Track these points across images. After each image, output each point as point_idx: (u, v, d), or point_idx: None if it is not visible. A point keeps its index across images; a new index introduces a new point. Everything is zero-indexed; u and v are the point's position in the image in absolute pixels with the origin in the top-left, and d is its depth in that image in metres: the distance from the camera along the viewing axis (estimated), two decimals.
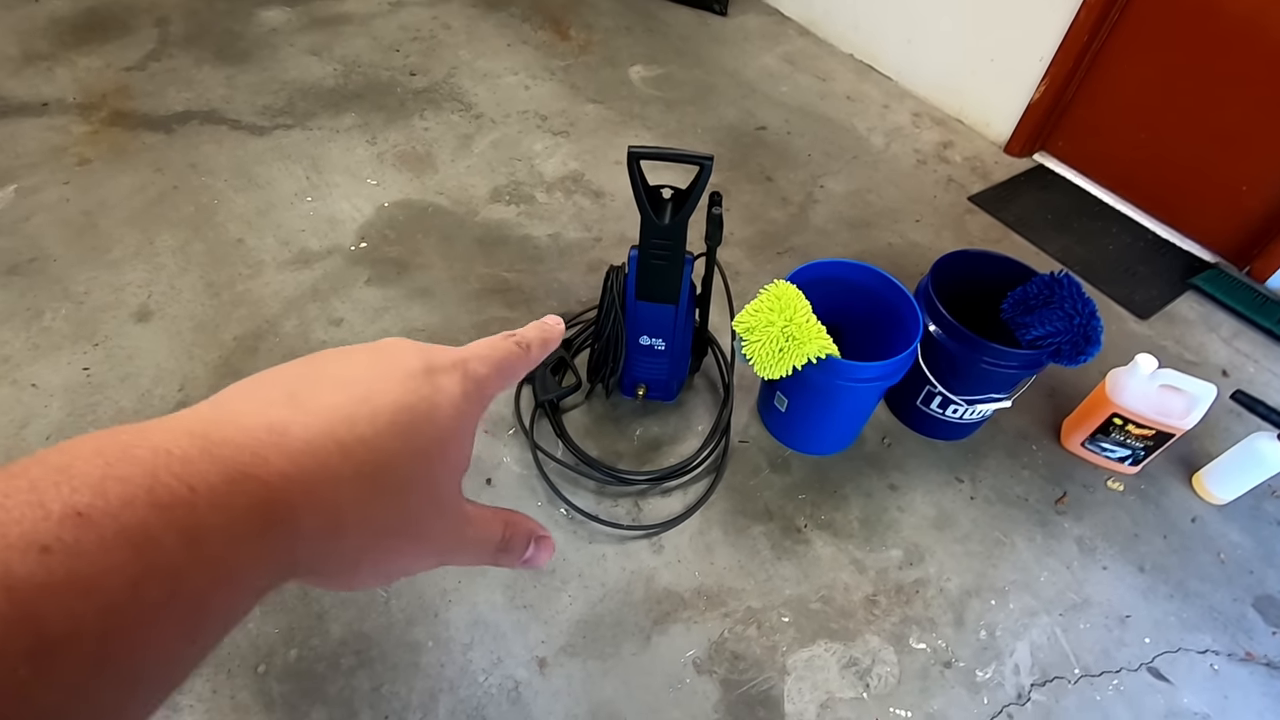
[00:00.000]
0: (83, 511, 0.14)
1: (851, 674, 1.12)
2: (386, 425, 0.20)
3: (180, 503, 0.15)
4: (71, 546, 0.13)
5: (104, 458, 0.15)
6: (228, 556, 0.16)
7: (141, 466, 0.15)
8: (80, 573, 0.13)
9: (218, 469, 0.16)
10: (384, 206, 1.78)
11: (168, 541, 0.15)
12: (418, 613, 1.13)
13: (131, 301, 1.52)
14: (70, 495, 0.14)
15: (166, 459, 0.16)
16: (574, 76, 2.25)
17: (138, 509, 0.14)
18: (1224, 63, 1.66)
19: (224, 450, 0.17)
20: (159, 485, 0.15)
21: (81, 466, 0.15)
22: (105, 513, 0.14)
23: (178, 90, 2.04)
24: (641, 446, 1.37)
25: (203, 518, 0.15)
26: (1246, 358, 1.65)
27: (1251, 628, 1.22)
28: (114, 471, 0.15)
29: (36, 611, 0.13)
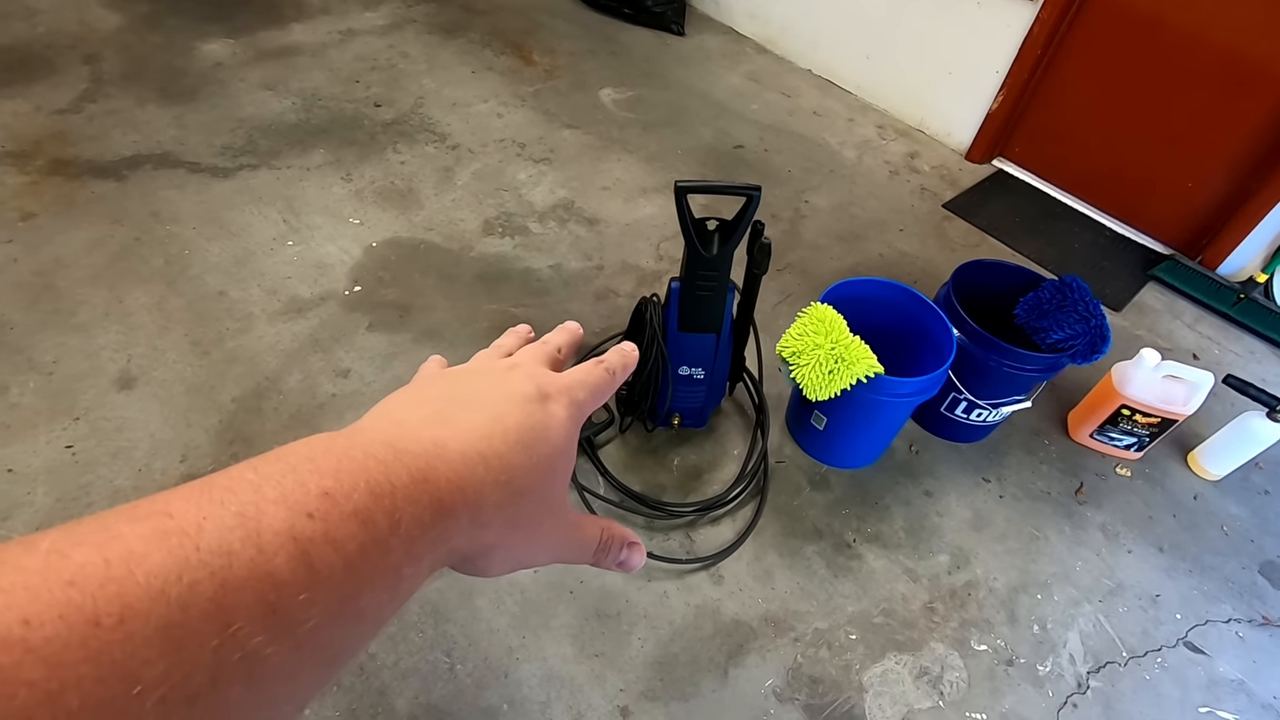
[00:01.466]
0: (329, 491, 0.19)
1: (925, 683, 1.14)
2: (515, 442, 0.25)
3: (385, 494, 0.20)
4: (323, 515, 0.18)
5: (334, 455, 0.20)
6: (415, 537, 0.21)
7: (358, 465, 0.20)
8: (330, 534, 0.18)
9: (407, 472, 0.21)
10: (372, 246, 1.70)
11: (380, 521, 0.19)
12: (486, 675, 1.08)
13: (110, 368, 1.39)
14: (320, 480, 0.19)
15: (373, 461, 0.20)
16: (545, 102, 2.22)
17: (360, 495, 0.19)
18: (1168, 71, 1.81)
19: (407, 459, 0.21)
20: (371, 480, 0.20)
21: (321, 460, 0.20)
22: (341, 495, 0.19)
23: (122, 133, 1.89)
24: (682, 476, 1.36)
25: (400, 507, 0.20)
26: (1210, 340, 1.79)
27: (1263, 593, 1.32)
28: (343, 466, 0.20)
29: (310, 556, 0.17)
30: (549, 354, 0.33)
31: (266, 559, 0.17)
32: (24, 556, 0.15)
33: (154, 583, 0.15)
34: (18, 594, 0.14)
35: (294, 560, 0.17)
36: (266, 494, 0.18)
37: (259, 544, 0.17)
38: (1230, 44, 1.71)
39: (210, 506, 0.17)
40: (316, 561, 0.18)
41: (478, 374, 0.29)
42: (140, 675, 0.14)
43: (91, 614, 0.14)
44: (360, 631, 0.20)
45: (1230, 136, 1.78)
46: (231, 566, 0.16)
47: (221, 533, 0.17)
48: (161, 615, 0.15)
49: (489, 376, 0.28)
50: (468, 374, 0.29)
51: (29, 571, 0.14)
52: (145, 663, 0.14)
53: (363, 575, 0.19)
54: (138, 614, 0.14)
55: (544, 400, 0.27)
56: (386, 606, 0.20)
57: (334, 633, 0.18)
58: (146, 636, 0.14)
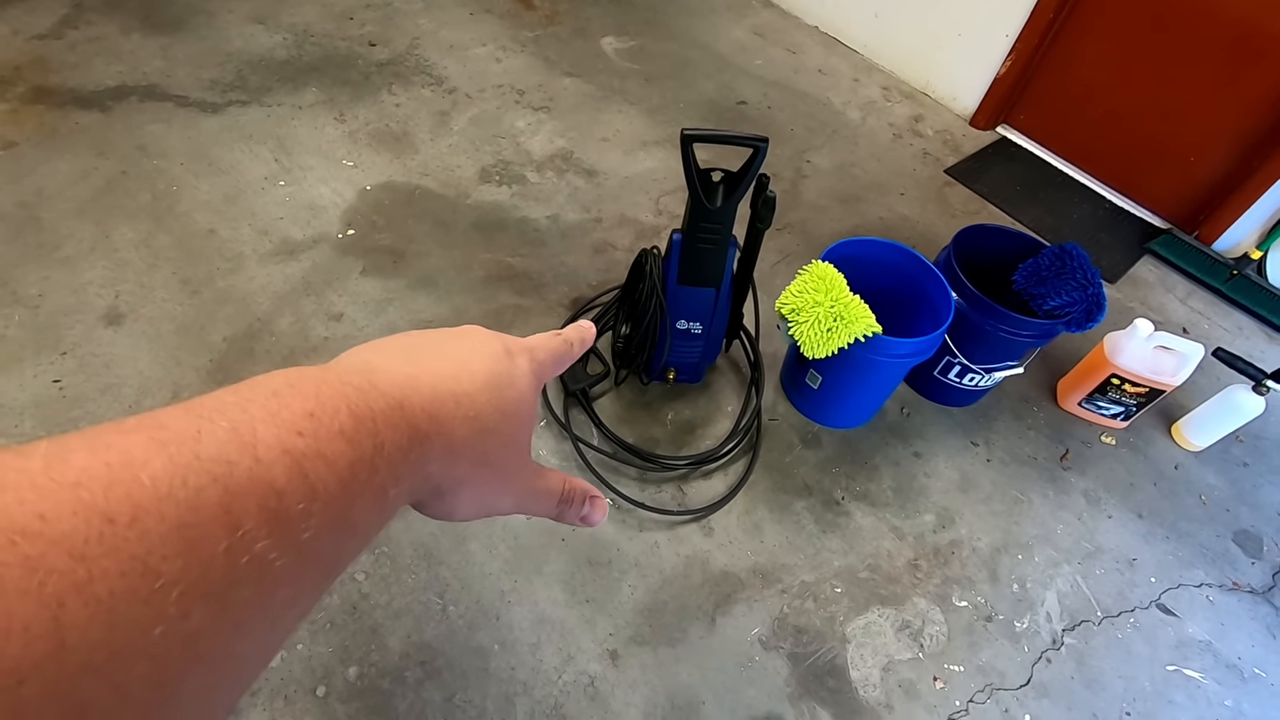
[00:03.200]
0: (313, 412, 0.19)
1: (906, 636, 1.17)
2: (482, 384, 0.27)
3: (366, 417, 0.21)
4: (311, 434, 0.19)
5: (312, 381, 0.20)
6: (396, 460, 0.21)
7: (337, 391, 0.20)
8: (321, 451, 0.19)
9: (384, 400, 0.22)
10: (366, 190, 1.66)
11: (363, 441, 0.20)
12: (478, 617, 1.10)
13: (97, 303, 1.36)
14: (303, 402, 0.19)
15: (350, 389, 0.21)
16: (545, 48, 2.16)
17: (343, 417, 0.20)
18: (1177, 42, 1.79)
19: (383, 386, 0.22)
20: (351, 404, 0.20)
21: (302, 385, 0.20)
22: (326, 416, 0.19)
23: (106, 62, 1.82)
24: (675, 430, 1.36)
25: (381, 430, 0.21)
26: (1200, 315, 1.81)
27: (1235, 560, 1.36)
28: (323, 391, 0.20)
29: (304, 470, 0.18)
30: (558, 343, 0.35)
31: (265, 469, 0.17)
32: (23, 460, 0.14)
33: (160, 486, 0.15)
34: (27, 491, 0.14)
35: (290, 472, 0.18)
36: (254, 413, 0.18)
37: (255, 455, 0.17)
38: (1242, 16, 1.68)
39: (202, 421, 0.17)
40: (311, 474, 0.18)
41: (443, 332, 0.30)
42: (160, 570, 0.14)
43: (105, 511, 0.14)
44: (352, 545, 0.21)
45: (1235, 111, 1.77)
46: (233, 474, 0.16)
47: (218, 444, 0.17)
48: (173, 515, 0.15)
49: (456, 334, 0.30)
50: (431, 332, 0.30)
51: (32, 472, 0.14)
52: (163, 559, 0.15)
53: (353, 490, 0.19)
54: (149, 513, 0.15)
55: (509, 354, 0.29)
56: (374, 524, 0.21)
57: (330, 543, 0.19)
58: (162, 534, 0.15)
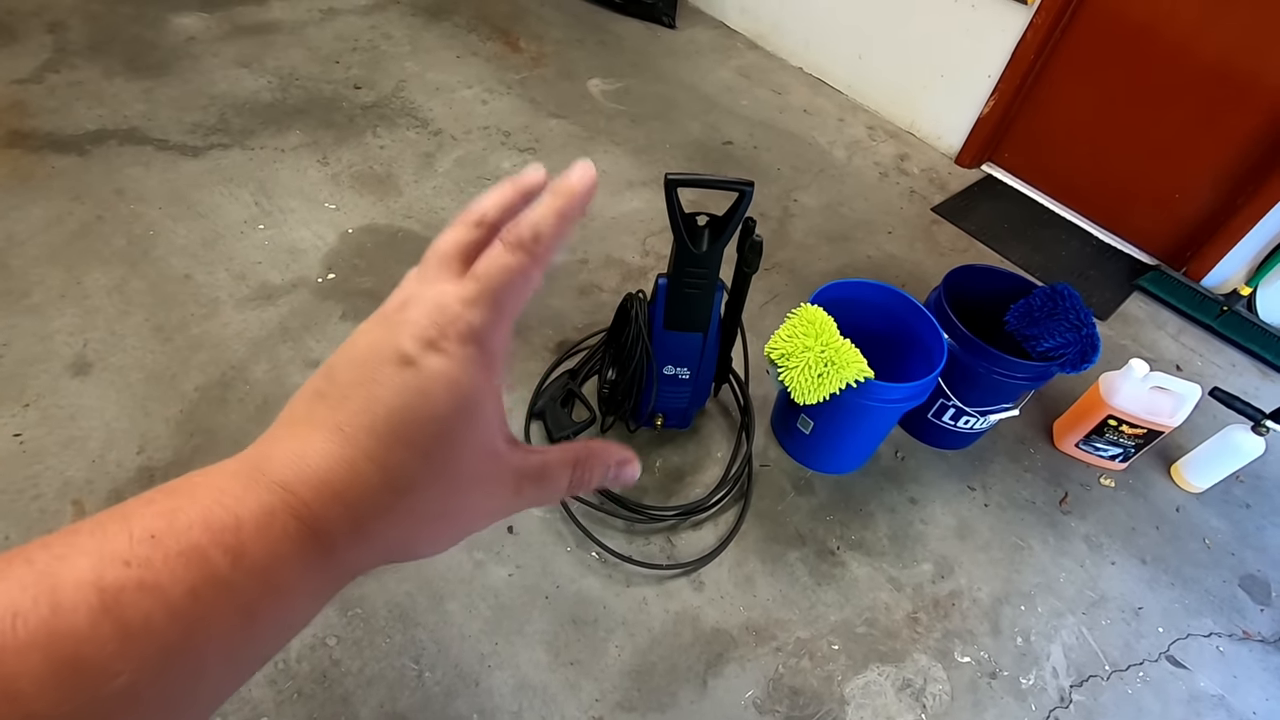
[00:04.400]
0: (155, 534, 0.18)
1: (908, 696, 1.12)
2: (386, 435, 0.21)
3: (228, 529, 0.19)
4: (144, 561, 0.17)
5: (177, 495, 0.19)
6: (269, 570, 0.19)
7: (202, 500, 0.19)
8: (149, 580, 0.17)
9: (256, 502, 0.19)
10: (348, 233, 1.64)
11: (216, 558, 0.18)
12: (456, 683, 1.04)
13: (64, 352, 1.32)
14: (149, 522, 0.18)
15: (220, 494, 0.19)
16: (532, 90, 2.17)
17: (195, 533, 0.18)
18: (1158, 81, 1.81)
19: (263, 485, 0.20)
20: (212, 515, 0.19)
21: (162, 501, 0.19)
22: (171, 535, 0.18)
23: (86, 106, 1.81)
24: (664, 478, 1.32)
25: (245, 539, 0.19)
26: (1193, 352, 1.79)
27: (1243, 607, 1.32)
28: (180, 505, 0.19)
29: (120, 607, 0.16)
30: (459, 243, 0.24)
31: (63, 615, 0.16)
32: None
33: None
34: None
35: (96, 613, 0.16)
36: (81, 545, 0.17)
37: (54, 600, 0.16)
38: (1220, 56, 1.70)
39: (13, 567, 0.17)
40: (128, 611, 0.16)
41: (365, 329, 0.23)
42: None
43: None
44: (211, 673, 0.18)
45: (1218, 149, 1.78)
46: (15, 629, 0.15)
47: (12, 594, 0.16)
48: None
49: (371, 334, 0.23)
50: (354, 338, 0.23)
51: None
52: None
53: (195, 617, 0.18)
54: None
55: (425, 352, 0.22)
56: (245, 645, 0.19)
57: (160, 684, 0.17)
58: None
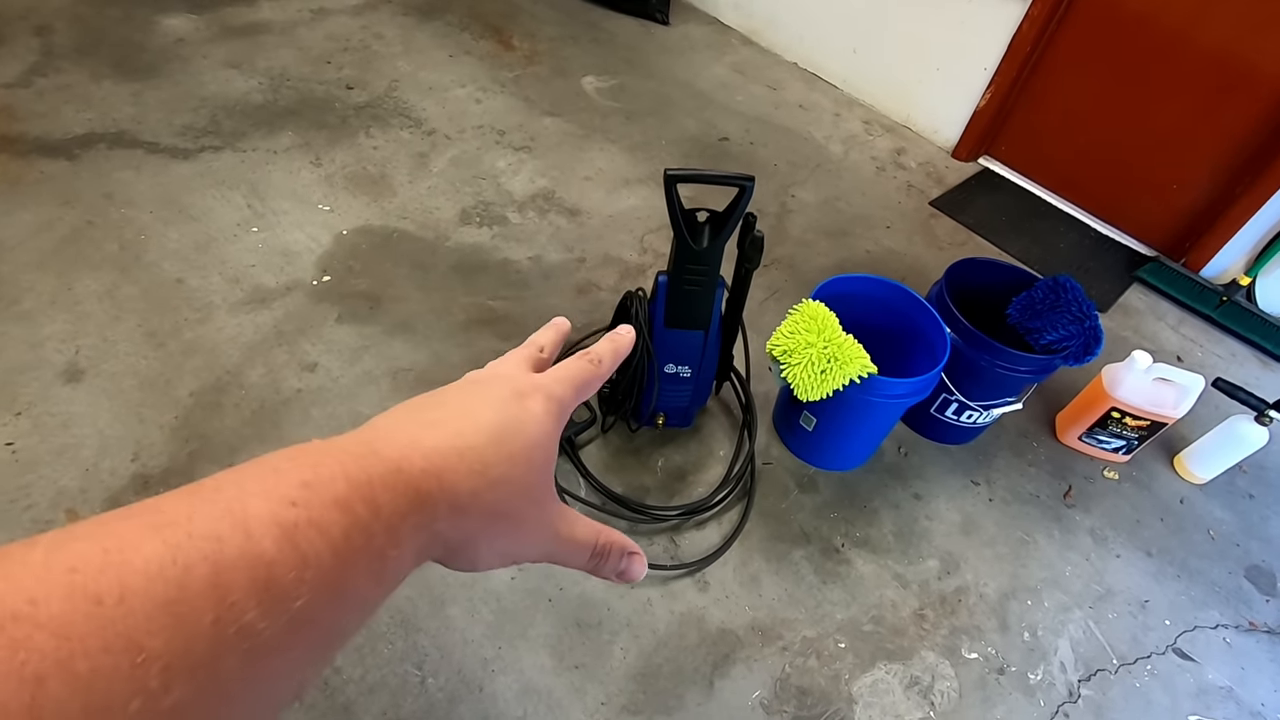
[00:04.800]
0: (308, 482, 0.20)
1: (915, 694, 1.11)
2: (488, 436, 0.26)
3: (363, 484, 0.21)
4: (304, 503, 0.20)
5: (311, 453, 0.22)
6: (395, 523, 0.22)
7: (337, 459, 0.22)
8: (313, 519, 0.19)
9: (382, 464, 0.22)
10: (343, 234, 1.62)
11: (359, 509, 0.21)
12: (459, 689, 1.02)
13: (55, 359, 1.29)
14: (299, 473, 0.20)
15: (350, 457, 0.22)
16: (525, 88, 2.15)
17: (339, 485, 0.21)
18: (1155, 71, 1.80)
19: (384, 452, 0.23)
20: (349, 473, 0.21)
21: (300, 457, 0.21)
22: (321, 485, 0.20)
23: (75, 110, 1.78)
24: (666, 478, 1.31)
25: (378, 495, 0.22)
26: (1193, 343, 1.79)
27: (1249, 598, 1.31)
28: (320, 460, 0.21)
29: (297, 538, 0.19)
30: (530, 356, 0.34)
31: (254, 542, 0.18)
32: (27, 552, 0.16)
33: (150, 566, 0.16)
34: (24, 579, 0.15)
35: (280, 543, 0.18)
36: (249, 488, 0.19)
37: (246, 530, 0.18)
38: (1218, 45, 1.70)
39: (198, 503, 0.19)
40: (302, 543, 0.19)
41: (453, 387, 0.30)
42: (144, 645, 0.15)
43: (94, 593, 0.15)
44: (351, 612, 0.21)
45: (1216, 139, 1.78)
46: (223, 550, 0.17)
47: (210, 522, 0.18)
48: (160, 593, 0.16)
49: (465, 387, 0.29)
50: (449, 386, 0.30)
51: (32, 563, 0.16)
52: (148, 634, 0.15)
53: (347, 557, 0.20)
54: (137, 592, 0.16)
55: (519, 399, 0.28)
56: (374, 589, 0.22)
57: (323, 611, 0.19)
58: (148, 611, 0.16)
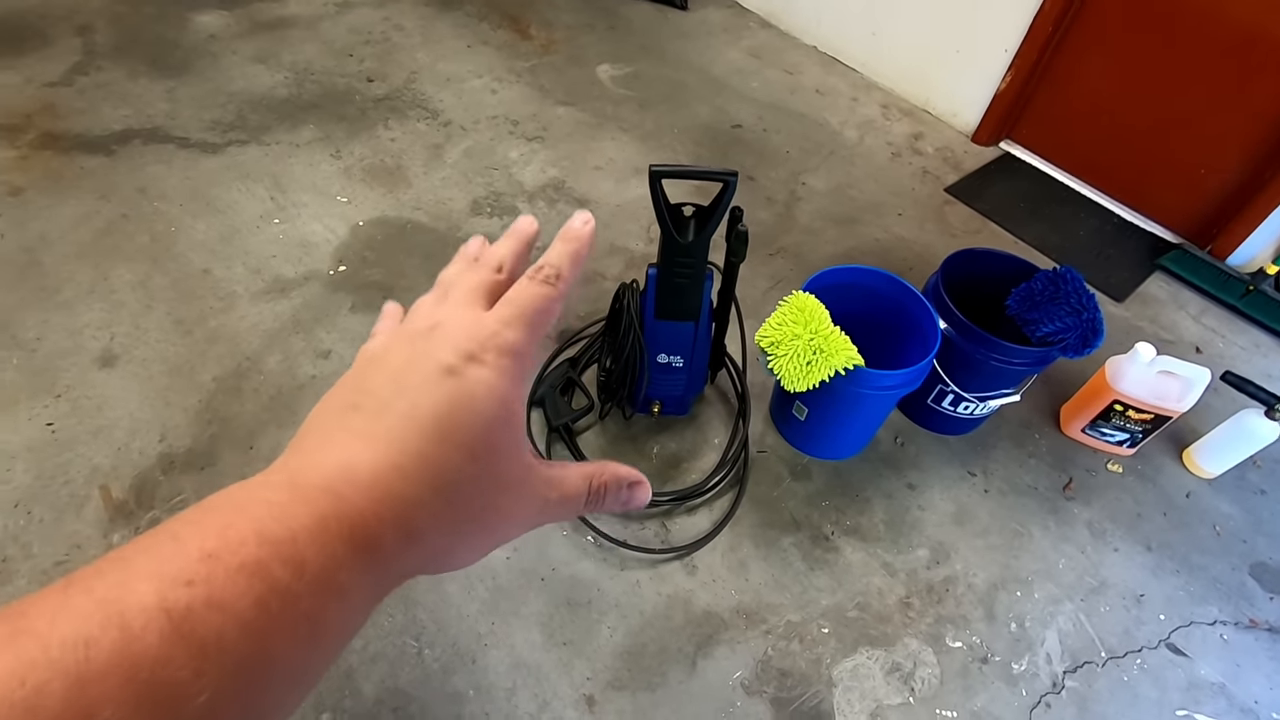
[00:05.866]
0: (211, 553, 0.18)
1: (896, 679, 1.13)
2: (433, 436, 0.23)
3: (284, 541, 0.19)
4: (206, 578, 0.17)
5: (223, 511, 0.19)
6: (329, 577, 0.19)
7: (251, 516, 0.19)
8: (212, 598, 0.17)
9: (309, 512, 0.20)
10: (359, 226, 1.68)
11: (277, 571, 0.18)
12: (454, 661, 1.08)
13: (92, 346, 1.39)
14: (202, 541, 0.18)
15: (268, 507, 0.20)
16: (541, 78, 2.18)
17: (250, 546, 0.18)
18: (1182, 51, 1.74)
19: (310, 494, 0.20)
20: (264, 531, 0.19)
21: (208, 519, 0.19)
22: (227, 551, 0.18)
23: (113, 106, 1.88)
24: (661, 464, 1.34)
25: (303, 551, 0.19)
26: (1214, 333, 1.74)
27: (1251, 595, 1.29)
28: (230, 521, 0.19)
29: (190, 626, 0.16)
30: (482, 283, 0.28)
31: (134, 639, 0.16)
32: None
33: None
34: None
35: (168, 635, 0.16)
36: (136, 569, 0.17)
37: (122, 624, 0.16)
38: (1248, 23, 1.63)
39: (72, 597, 0.16)
40: (200, 629, 0.16)
41: (390, 352, 0.26)
42: None
43: None
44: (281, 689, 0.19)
45: (1245, 121, 1.71)
46: (89, 657, 0.15)
47: (76, 622, 0.16)
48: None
49: (402, 352, 0.25)
50: (381, 357, 0.26)
51: None
52: None
53: (264, 630, 0.18)
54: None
55: (466, 364, 0.24)
56: (310, 653, 0.19)
57: (242, 698, 0.17)
58: None
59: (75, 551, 1.12)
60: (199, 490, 1.21)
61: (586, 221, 0.29)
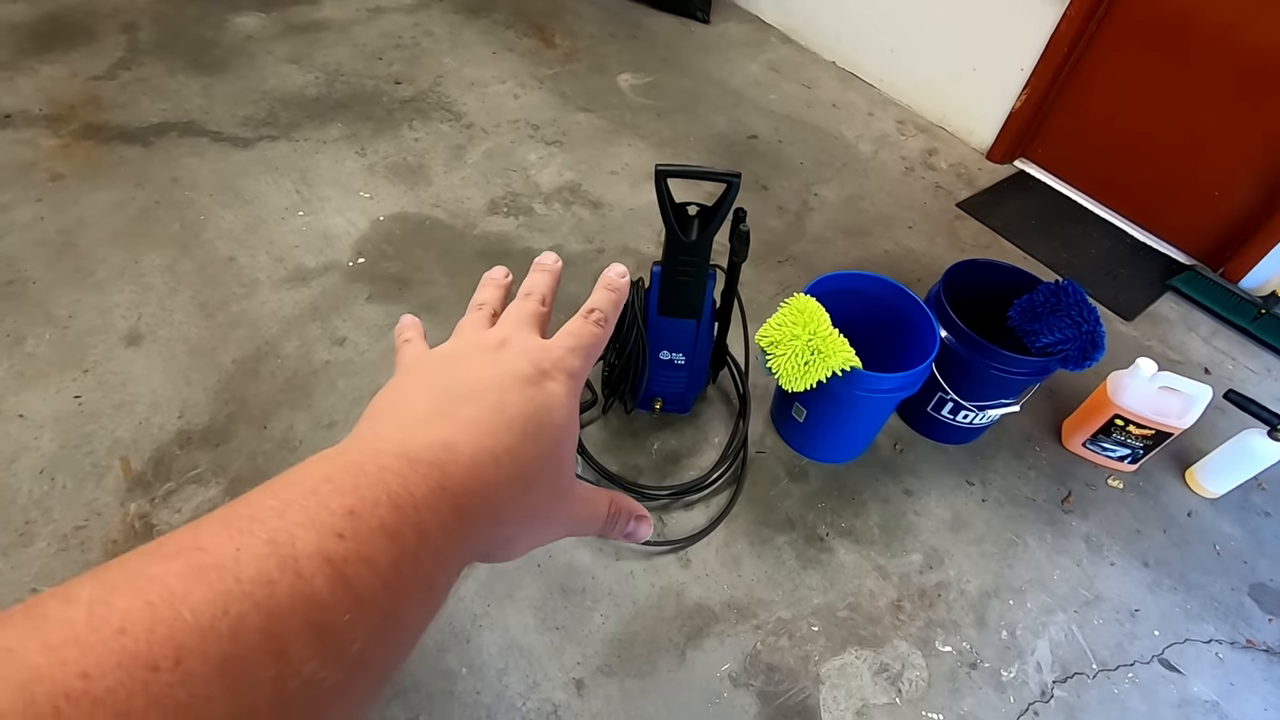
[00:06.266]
0: (353, 510, 0.19)
1: (884, 679, 1.14)
2: (520, 433, 0.25)
3: (408, 506, 0.20)
4: (352, 534, 0.18)
5: (350, 473, 0.20)
6: (440, 545, 0.21)
7: (375, 480, 0.20)
8: (363, 553, 0.18)
9: (424, 482, 0.21)
10: (379, 220, 1.74)
11: (407, 534, 0.20)
12: (449, 639, 1.11)
13: (120, 325, 1.45)
14: (342, 499, 0.19)
15: (389, 475, 0.20)
16: (563, 85, 2.24)
17: (384, 510, 0.19)
18: (1198, 73, 1.74)
19: (421, 467, 0.21)
20: (391, 494, 0.20)
21: (339, 479, 0.20)
22: (366, 512, 0.19)
23: (152, 101, 1.96)
24: (660, 460, 1.37)
25: (424, 517, 0.20)
26: (1225, 355, 1.73)
27: (1250, 616, 1.28)
28: (361, 483, 0.20)
29: (348, 576, 0.18)
30: (533, 312, 0.32)
31: (306, 583, 0.17)
32: (66, 609, 0.15)
33: (202, 620, 0.15)
34: (71, 649, 0.14)
35: (333, 582, 0.17)
36: (292, 518, 0.18)
37: (296, 569, 0.17)
38: (1264, 47, 1.63)
39: (240, 536, 0.17)
40: (355, 581, 0.18)
41: (467, 357, 0.28)
42: (205, 713, 0.14)
43: (148, 659, 0.14)
44: (404, 644, 0.20)
45: (1260, 144, 1.71)
46: (274, 594, 0.16)
47: (257, 561, 0.16)
48: (215, 651, 0.15)
49: (480, 358, 0.28)
50: (457, 358, 0.28)
51: (76, 624, 0.14)
52: (208, 699, 0.14)
53: (399, 589, 0.19)
54: (192, 653, 0.15)
55: (542, 379, 0.27)
56: (425, 616, 0.21)
57: (380, 650, 0.18)
58: (205, 675, 0.15)
59: (94, 518, 1.17)
60: (214, 465, 1.26)
61: (623, 275, 0.33)
